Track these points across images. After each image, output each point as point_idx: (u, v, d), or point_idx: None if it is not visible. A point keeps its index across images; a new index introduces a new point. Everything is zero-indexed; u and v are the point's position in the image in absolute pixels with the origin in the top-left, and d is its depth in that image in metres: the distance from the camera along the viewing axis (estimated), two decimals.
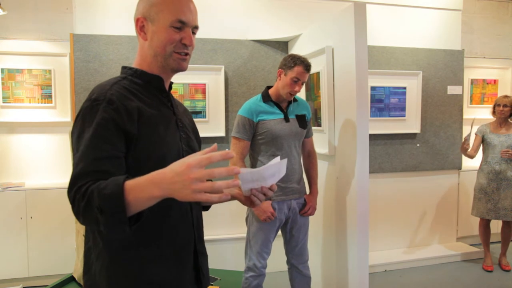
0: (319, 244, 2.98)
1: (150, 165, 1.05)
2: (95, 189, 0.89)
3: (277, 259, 2.86)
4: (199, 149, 1.28)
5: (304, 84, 3.13)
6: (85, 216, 0.91)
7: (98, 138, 0.97)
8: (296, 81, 2.32)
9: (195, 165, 0.84)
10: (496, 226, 3.97)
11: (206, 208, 1.34)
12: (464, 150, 3.62)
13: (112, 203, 0.86)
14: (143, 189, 0.87)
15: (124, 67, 1.17)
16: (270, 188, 1.11)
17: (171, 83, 1.24)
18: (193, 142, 1.22)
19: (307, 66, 2.32)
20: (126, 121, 1.01)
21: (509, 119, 3.68)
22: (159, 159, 1.06)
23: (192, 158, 0.86)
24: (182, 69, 1.15)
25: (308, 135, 2.55)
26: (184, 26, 1.10)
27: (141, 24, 1.12)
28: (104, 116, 0.99)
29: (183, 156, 1.14)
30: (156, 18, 1.09)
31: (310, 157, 2.59)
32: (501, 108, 3.63)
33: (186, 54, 1.13)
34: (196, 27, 1.14)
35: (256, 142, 2.40)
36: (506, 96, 3.70)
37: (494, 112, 3.73)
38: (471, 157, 3.72)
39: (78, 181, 0.93)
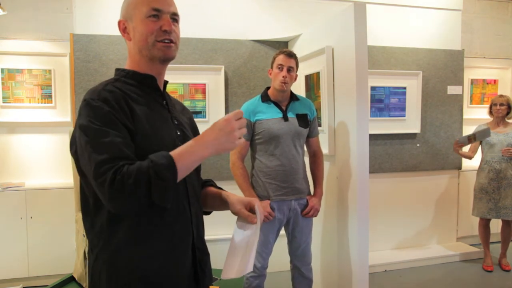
0: (319, 244, 2.98)
1: None
2: (144, 165, 0.96)
3: (278, 259, 2.85)
4: None
5: (305, 84, 3.15)
6: (132, 192, 0.93)
7: (108, 128, 0.99)
8: (280, 68, 2.35)
9: (232, 117, 1.02)
10: (496, 226, 3.97)
11: (207, 213, 1.35)
12: (457, 150, 3.63)
13: (169, 171, 0.96)
14: (193, 152, 1.01)
15: (117, 69, 1.18)
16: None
17: (166, 82, 1.24)
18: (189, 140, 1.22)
19: (286, 52, 2.38)
20: (123, 117, 1.03)
21: (506, 118, 3.70)
22: None
23: (227, 115, 1.03)
24: (168, 57, 1.14)
25: (313, 134, 2.53)
26: (161, 13, 1.11)
27: (123, 26, 1.16)
28: (104, 110, 1.01)
29: None
30: (133, 14, 1.12)
31: (315, 157, 2.56)
32: (497, 107, 3.65)
33: (170, 41, 1.12)
34: (175, 14, 1.15)
35: (254, 142, 2.40)
36: (501, 96, 3.72)
37: (490, 112, 3.75)
38: (469, 157, 3.73)
39: (110, 165, 0.94)
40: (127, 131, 1.03)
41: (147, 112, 1.10)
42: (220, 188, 1.33)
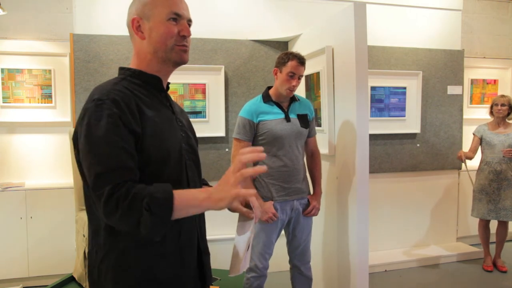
0: (319, 244, 2.98)
1: (153, 164, 1.05)
2: (143, 192, 0.93)
3: (278, 259, 2.85)
4: (197, 148, 1.29)
5: (305, 84, 3.15)
6: (124, 215, 0.93)
7: (113, 136, 0.98)
8: (292, 76, 2.30)
9: (232, 169, 0.97)
10: (495, 226, 3.96)
11: None
12: (460, 158, 3.65)
13: (163, 207, 0.93)
14: (195, 196, 0.98)
15: (121, 68, 1.17)
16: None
17: (168, 83, 1.24)
18: (192, 141, 1.23)
19: (300, 59, 2.32)
20: (131, 120, 1.01)
21: (506, 119, 3.69)
22: (163, 159, 1.07)
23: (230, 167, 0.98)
24: (184, 61, 1.16)
25: (311, 134, 2.53)
26: (180, 18, 1.12)
27: (137, 24, 1.13)
28: (111, 113, 0.99)
29: (184, 155, 1.15)
30: (152, 14, 1.11)
31: (313, 157, 2.57)
32: (499, 107, 3.64)
33: (186, 46, 1.14)
34: (190, 20, 1.17)
35: (257, 143, 2.39)
36: (503, 96, 3.71)
37: (491, 112, 3.74)
38: (469, 158, 3.73)
39: (110, 179, 0.94)
40: (133, 136, 1.01)
41: (154, 114, 1.09)
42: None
